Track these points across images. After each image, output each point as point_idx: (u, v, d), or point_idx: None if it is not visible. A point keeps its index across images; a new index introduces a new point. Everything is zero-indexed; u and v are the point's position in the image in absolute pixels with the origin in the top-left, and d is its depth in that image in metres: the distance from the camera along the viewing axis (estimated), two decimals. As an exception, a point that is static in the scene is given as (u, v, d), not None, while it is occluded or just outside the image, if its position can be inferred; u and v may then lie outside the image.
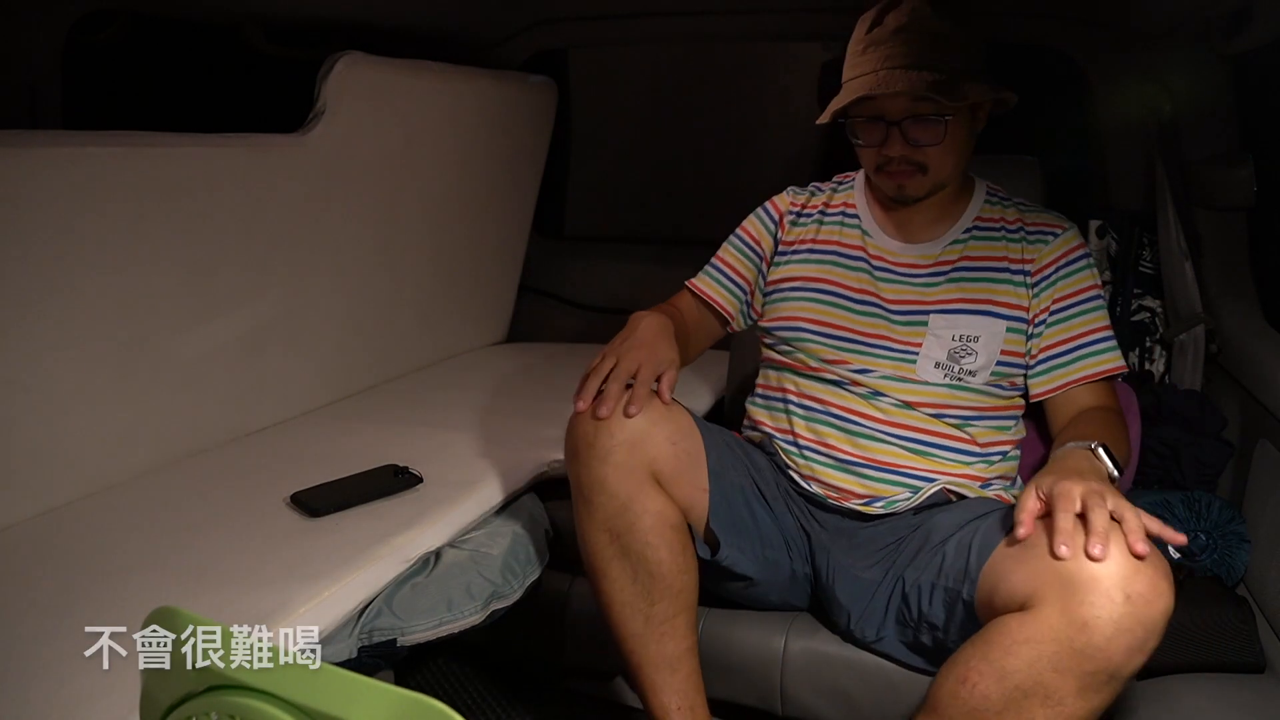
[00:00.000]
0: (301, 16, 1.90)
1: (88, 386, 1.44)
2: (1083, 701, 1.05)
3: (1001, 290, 1.41)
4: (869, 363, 1.41)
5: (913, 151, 1.36)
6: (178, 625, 0.67)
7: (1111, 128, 2.03)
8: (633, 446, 1.28)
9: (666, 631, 1.32)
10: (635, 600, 1.31)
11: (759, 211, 1.58)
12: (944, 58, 1.32)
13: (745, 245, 1.57)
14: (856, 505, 1.39)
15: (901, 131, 1.34)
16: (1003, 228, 1.45)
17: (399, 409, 1.92)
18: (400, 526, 1.35)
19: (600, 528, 1.30)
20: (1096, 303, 1.42)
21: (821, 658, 1.41)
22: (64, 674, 1.03)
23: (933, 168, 1.37)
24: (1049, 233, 1.43)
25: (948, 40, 1.33)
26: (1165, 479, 1.72)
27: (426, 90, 1.94)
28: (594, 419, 1.28)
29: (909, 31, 1.33)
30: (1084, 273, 1.42)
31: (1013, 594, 1.11)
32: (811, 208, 1.55)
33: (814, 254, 1.50)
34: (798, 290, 1.48)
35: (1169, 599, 1.03)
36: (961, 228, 1.45)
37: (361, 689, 0.61)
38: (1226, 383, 1.81)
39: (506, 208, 2.37)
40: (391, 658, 1.26)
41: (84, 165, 1.36)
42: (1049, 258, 1.42)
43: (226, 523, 1.39)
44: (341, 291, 1.90)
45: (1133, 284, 2.04)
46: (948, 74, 1.31)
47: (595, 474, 1.28)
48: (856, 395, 1.41)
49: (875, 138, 1.37)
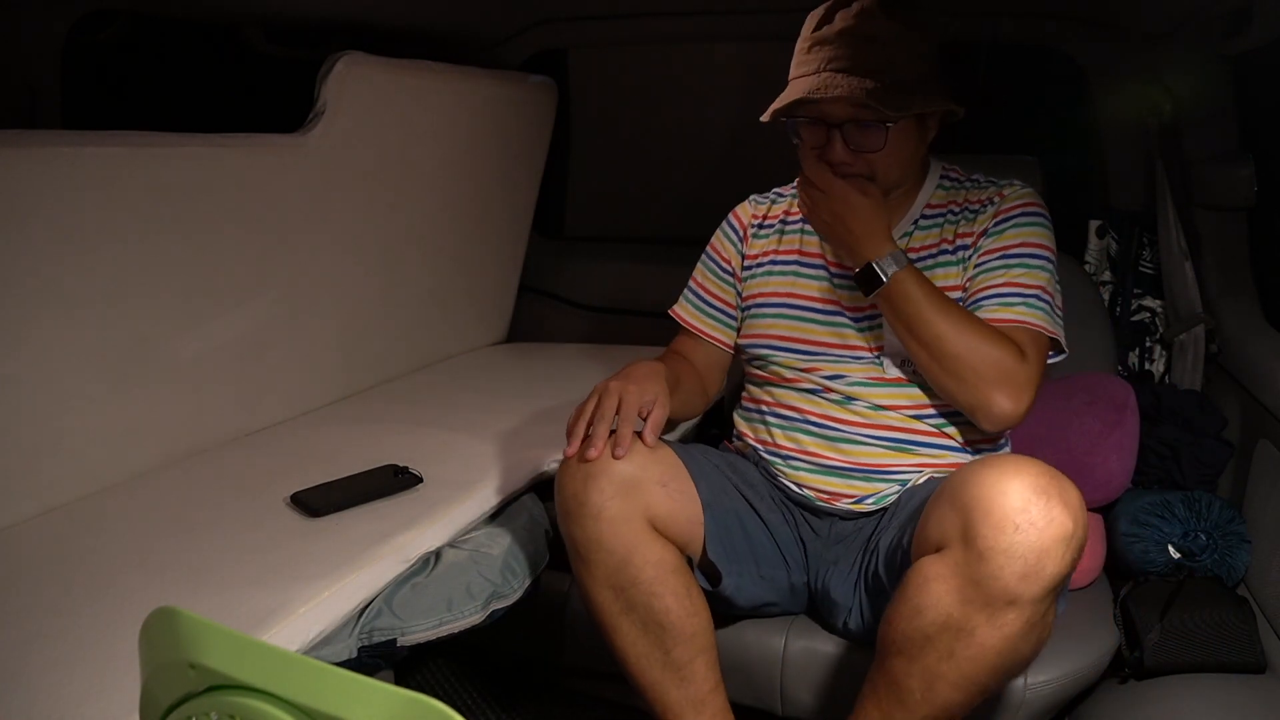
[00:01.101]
0: (301, 16, 1.90)
1: (88, 386, 1.44)
2: (993, 630, 1.09)
3: (941, 274, 1.38)
4: (840, 368, 1.41)
5: (854, 158, 1.33)
6: (178, 625, 0.67)
7: (1111, 128, 2.03)
8: (625, 497, 1.26)
9: (686, 676, 1.32)
10: (650, 651, 1.31)
11: (723, 227, 1.58)
12: (890, 63, 1.28)
13: (718, 268, 1.56)
14: (848, 505, 1.40)
15: (843, 135, 1.31)
16: (949, 211, 1.43)
17: (399, 409, 1.92)
18: (400, 526, 1.35)
19: (602, 585, 1.29)
20: (1027, 259, 1.35)
21: (821, 658, 1.41)
22: (64, 674, 1.03)
23: (876, 174, 1.34)
24: (987, 202, 1.41)
25: (896, 45, 1.29)
26: (1165, 479, 1.72)
27: (426, 90, 1.94)
28: (582, 463, 1.26)
29: (855, 34, 1.29)
30: (1020, 229, 1.37)
31: (928, 539, 1.16)
32: (772, 217, 1.54)
33: (777, 265, 1.50)
34: (766, 307, 1.49)
35: (1064, 524, 1.07)
36: (910, 219, 1.44)
37: (361, 689, 0.61)
38: (1226, 383, 1.81)
39: (506, 208, 2.37)
40: (391, 658, 1.26)
41: (84, 165, 1.36)
42: (986, 222, 1.39)
43: (227, 523, 1.38)
44: (341, 291, 1.89)
45: (1133, 284, 2.04)
46: (892, 81, 1.27)
47: (590, 533, 1.26)
48: (831, 402, 1.41)
49: (816, 140, 1.34)
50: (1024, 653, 1.14)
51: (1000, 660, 1.12)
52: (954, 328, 1.28)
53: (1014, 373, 1.28)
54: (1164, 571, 1.55)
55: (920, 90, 1.30)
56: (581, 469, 1.27)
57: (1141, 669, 1.43)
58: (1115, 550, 1.61)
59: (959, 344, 1.28)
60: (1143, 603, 1.47)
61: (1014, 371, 1.28)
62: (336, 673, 0.63)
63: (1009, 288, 1.34)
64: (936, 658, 1.13)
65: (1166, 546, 1.56)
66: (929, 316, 1.28)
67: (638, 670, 1.33)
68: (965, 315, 1.31)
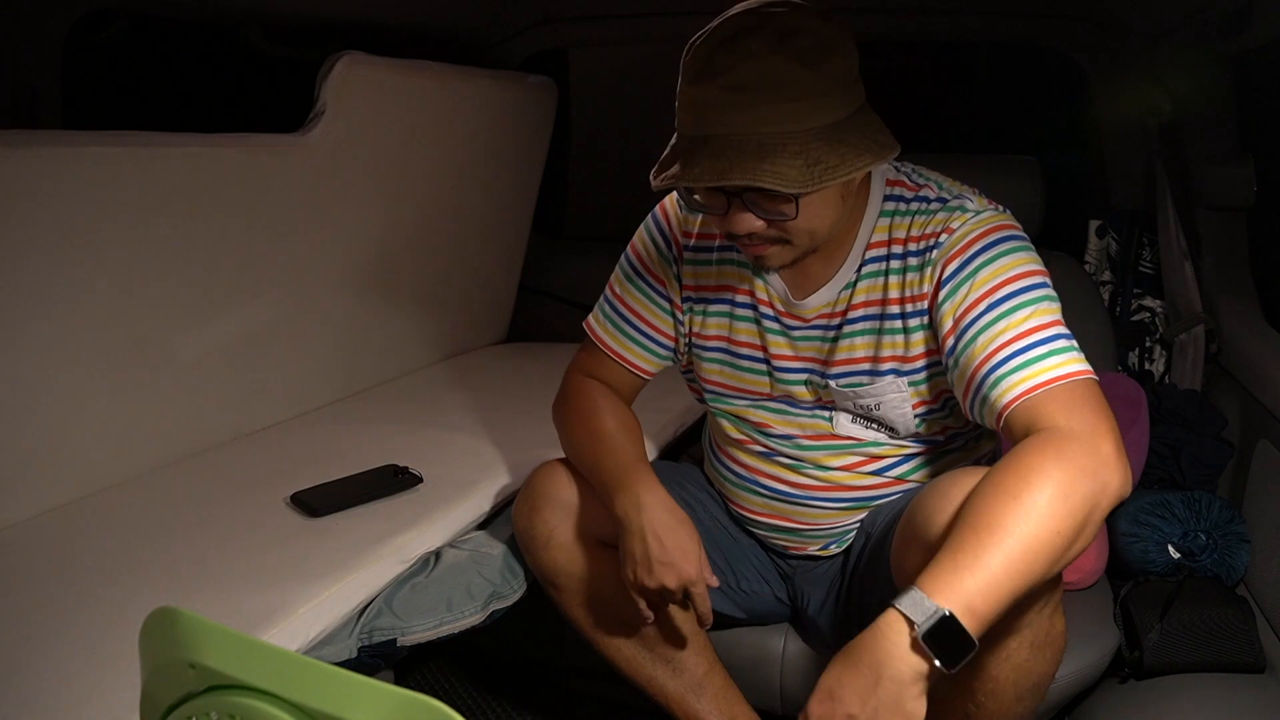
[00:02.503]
0: (301, 16, 1.90)
1: (88, 386, 1.44)
2: (1005, 664, 1.05)
3: (889, 343, 1.16)
4: (788, 424, 1.25)
5: (763, 227, 1.07)
6: (178, 625, 0.67)
7: (1111, 128, 2.03)
8: (570, 520, 1.29)
9: (678, 667, 1.36)
10: (637, 653, 1.36)
11: (651, 233, 1.33)
12: (798, 119, 0.98)
13: (648, 286, 1.32)
14: (815, 551, 1.35)
15: (745, 204, 1.05)
16: (888, 255, 1.16)
17: (399, 409, 1.92)
18: (400, 526, 1.35)
19: (574, 605, 1.34)
20: (1021, 299, 1.04)
21: (822, 658, 1.41)
22: (64, 674, 1.03)
23: (795, 238, 1.09)
24: (931, 244, 1.11)
25: (805, 98, 0.98)
26: (1165, 479, 1.72)
27: (426, 90, 1.94)
28: (528, 493, 1.32)
29: (748, 87, 0.98)
30: (980, 272, 1.07)
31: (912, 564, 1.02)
32: (706, 239, 1.29)
33: (713, 304, 1.29)
34: (706, 350, 1.30)
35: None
36: (846, 277, 1.19)
37: (361, 689, 0.61)
38: (1226, 383, 1.81)
39: (506, 208, 2.37)
40: (391, 658, 1.26)
41: (84, 165, 1.35)
42: (934, 278, 1.11)
43: (227, 523, 1.38)
44: (341, 291, 1.89)
45: (1133, 284, 2.04)
46: (800, 146, 0.98)
47: (544, 561, 1.32)
48: (782, 465, 1.28)
49: (716, 207, 1.07)
50: (1042, 673, 1.07)
51: (1019, 690, 1.06)
52: (1028, 549, 0.89)
53: (1094, 470, 0.93)
54: (1164, 571, 1.55)
55: (839, 148, 1.00)
56: (528, 500, 1.32)
57: (1141, 669, 1.43)
58: (1115, 550, 1.61)
59: (1047, 544, 0.90)
60: (1143, 603, 1.47)
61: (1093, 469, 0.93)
62: (336, 673, 0.63)
63: (1020, 342, 1.02)
64: (960, 713, 1.09)
65: (1166, 546, 1.56)
66: (1018, 585, 0.90)
67: (632, 671, 1.37)
68: (1009, 527, 0.89)
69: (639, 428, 1.33)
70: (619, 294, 1.35)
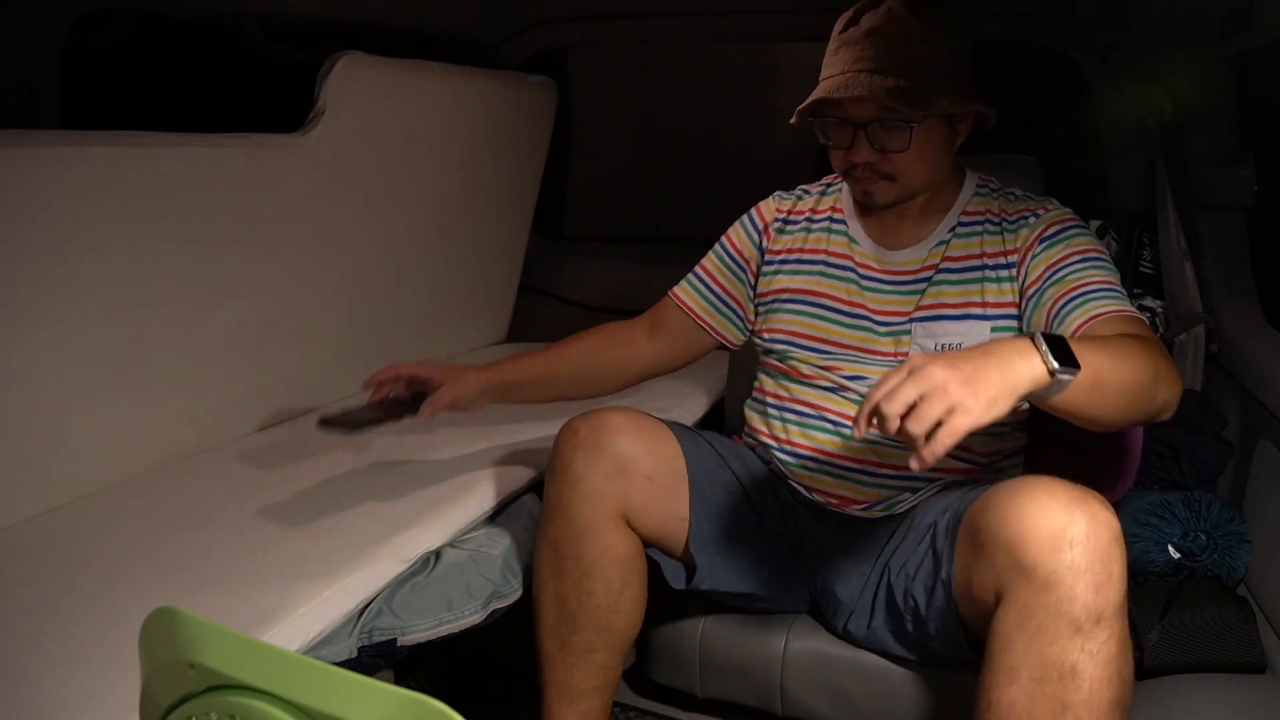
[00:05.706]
0: (301, 16, 1.90)
1: (88, 386, 1.44)
2: (1095, 661, 1.04)
3: (981, 290, 1.35)
4: (860, 370, 1.39)
5: (879, 159, 1.31)
6: (178, 625, 0.67)
7: (1111, 128, 2.03)
8: (607, 478, 1.29)
9: (578, 664, 1.35)
10: (558, 625, 1.35)
11: (744, 220, 1.55)
12: (915, 64, 1.26)
13: (730, 259, 1.53)
14: (857, 511, 1.39)
15: (868, 136, 1.29)
16: (986, 220, 1.38)
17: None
18: (400, 526, 1.35)
19: (548, 544, 1.34)
20: (1095, 262, 1.29)
21: (821, 658, 1.41)
22: (64, 674, 1.03)
23: (900, 176, 1.32)
24: (1029, 215, 1.36)
25: (923, 44, 1.27)
26: (1165, 479, 1.72)
27: (426, 90, 1.94)
28: (587, 433, 1.30)
29: (881, 34, 1.27)
30: (1075, 240, 1.31)
31: (973, 592, 1.14)
32: (798, 214, 1.51)
33: (802, 264, 1.47)
34: (788, 303, 1.46)
35: (1110, 522, 1.06)
36: (946, 227, 1.40)
37: (361, 689, 0.61)
38: (1226, 383, 1.81)
39: (506, 208, 2.37)
40: (391, 658, 1.27)
41: (84, 165, 1.36)
42: (1030, 238, 1.33)
43: (226, 523, 1.39)
44: (341, 292, 1.90)
45: (1133, 284, 2.04)
46: (917, 81, 1.26)
47: (560, 495, 1.31)
48: (849, 400, 1.39)
49: (843, 140, 1.32)
50: (1129, 677, 1.07)
51: (1113, 692, 1.05)
52: (1113, 362, 1.06)
53: (1166, 369, 1.11)
54: (1164, 571, 1.55)
55: (947, 90, 1.27)
56: (580, 440, 1.31)
57: (1142, 669, 1.42)
58: (1115, 550, 1.61)
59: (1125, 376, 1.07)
60: (1143, 603, 1.47)
61: (1164, 368, 1.11)
62: (336, 673, 0.63)
63: (1102, 284, 1.25)
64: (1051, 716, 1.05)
65: (1166, 546, 1.56)
66: (1104, 392, 1.05)
67: (541, 636, 1.37)
68: (1105, 344, 1.08)
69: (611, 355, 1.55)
70: (705, 268, 1.56)
